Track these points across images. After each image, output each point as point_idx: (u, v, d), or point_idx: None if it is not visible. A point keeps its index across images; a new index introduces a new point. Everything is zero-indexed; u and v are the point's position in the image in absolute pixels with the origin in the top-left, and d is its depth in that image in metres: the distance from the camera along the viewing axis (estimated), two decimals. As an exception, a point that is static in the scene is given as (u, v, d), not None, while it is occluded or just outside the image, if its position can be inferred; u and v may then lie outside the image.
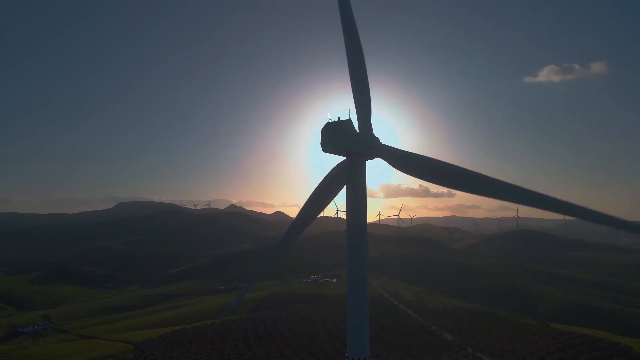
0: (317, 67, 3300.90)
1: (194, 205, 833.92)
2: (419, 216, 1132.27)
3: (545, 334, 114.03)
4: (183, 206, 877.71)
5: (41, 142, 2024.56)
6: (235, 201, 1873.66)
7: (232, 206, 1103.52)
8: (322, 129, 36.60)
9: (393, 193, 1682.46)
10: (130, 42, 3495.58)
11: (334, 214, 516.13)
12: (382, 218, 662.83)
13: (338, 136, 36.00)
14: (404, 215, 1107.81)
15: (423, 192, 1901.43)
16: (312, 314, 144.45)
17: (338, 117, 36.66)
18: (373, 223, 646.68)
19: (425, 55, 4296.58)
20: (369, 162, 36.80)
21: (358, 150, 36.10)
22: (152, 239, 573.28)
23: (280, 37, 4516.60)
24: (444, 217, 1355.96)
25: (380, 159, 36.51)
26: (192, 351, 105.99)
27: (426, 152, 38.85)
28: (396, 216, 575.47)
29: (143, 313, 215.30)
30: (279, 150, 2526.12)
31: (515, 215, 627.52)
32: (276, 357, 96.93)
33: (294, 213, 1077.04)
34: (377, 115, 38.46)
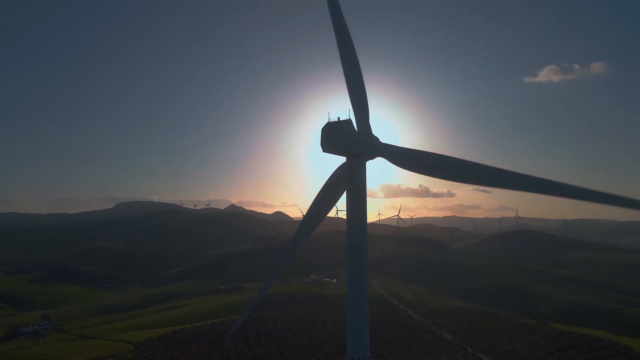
0: (317, 67, 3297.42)
1: (194, 205, 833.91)
2: (419, 216, 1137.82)
3: (545, 334, 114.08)
4: (183, 206, 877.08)
5: (41, 142, 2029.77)
6: (235, 201, 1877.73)
7: (232, 206, 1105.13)
8: (322, 129, 36.46)
9: (393, 193, 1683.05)
10: (130, 42, 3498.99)
11: (334, 214, 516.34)
12: (382, 218, 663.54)
13: (338, 136, 35.85)
14: (404, 215, 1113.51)
15: (423, 192, 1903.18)
16: (312, 314, 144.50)
17: (338, 117, 36.56)
18: (373, 223, 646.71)
19: (425, 55, 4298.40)
20: (369, 162, 36.74)
21: (358, 150, 36.04)
22: (152, 239, 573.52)
23: (280, 37, 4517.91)
24: (444, 217, 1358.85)
25: (380, 159, 36.43)
26: (192, 351, 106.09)
27: (426, 152, 38.50)
28: (396, 216, 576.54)
29: (143, 313, 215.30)
30: (279, 150, 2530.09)
31: (515, 215, 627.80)
32: (276, 357, 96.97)
33: (294, 213, 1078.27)
34: (377, 115, 38.38)
